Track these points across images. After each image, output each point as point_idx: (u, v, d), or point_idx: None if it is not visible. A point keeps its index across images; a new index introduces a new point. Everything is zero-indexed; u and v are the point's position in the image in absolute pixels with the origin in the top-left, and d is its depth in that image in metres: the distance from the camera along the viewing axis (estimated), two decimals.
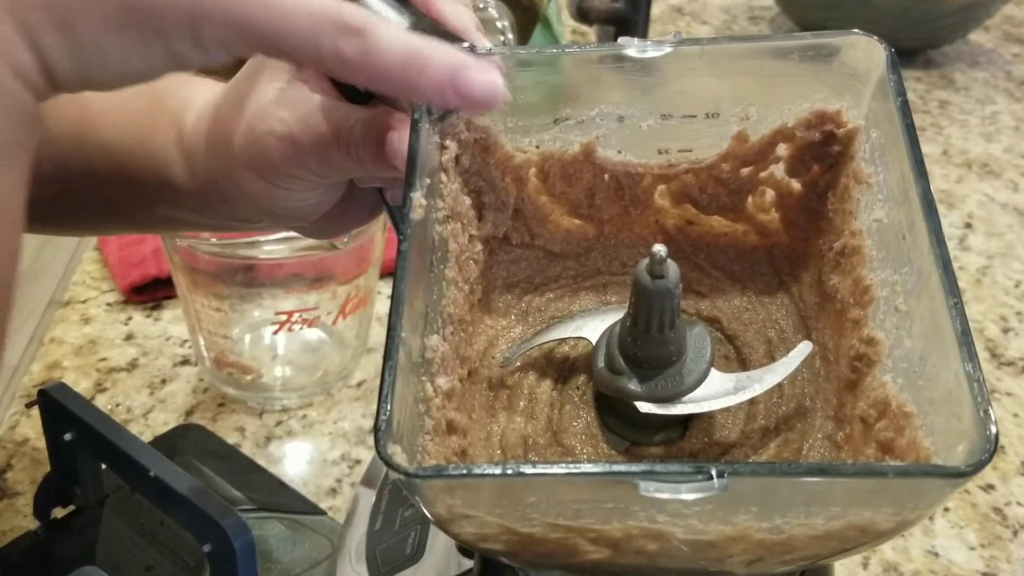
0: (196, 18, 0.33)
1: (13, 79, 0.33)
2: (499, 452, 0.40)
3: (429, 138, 0.38)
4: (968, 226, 0.97)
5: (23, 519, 0.63)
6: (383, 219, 0.58)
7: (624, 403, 0.40)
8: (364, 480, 0.59)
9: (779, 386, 0.40)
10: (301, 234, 0.51)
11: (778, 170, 0.43)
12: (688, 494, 0.29)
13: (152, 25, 0.33)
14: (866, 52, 0.39)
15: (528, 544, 0.33)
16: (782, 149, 0.42)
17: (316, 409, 0.73)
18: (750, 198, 0.44)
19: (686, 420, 0.41)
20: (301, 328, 0.73)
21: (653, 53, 0.40)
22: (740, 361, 0.43)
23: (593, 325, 0.42)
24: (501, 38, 0.79)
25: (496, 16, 0.79)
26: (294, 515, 0.61)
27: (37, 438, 0.68)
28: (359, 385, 0.76)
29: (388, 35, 0.34)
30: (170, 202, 0.49)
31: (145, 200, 0.50)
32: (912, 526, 0.33)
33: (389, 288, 0.85)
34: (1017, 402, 0.76)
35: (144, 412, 0.72)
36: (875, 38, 0.39)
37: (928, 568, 0.62)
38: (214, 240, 0.67)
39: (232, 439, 0.70)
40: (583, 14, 0.99)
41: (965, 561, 0.62)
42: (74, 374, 0.76)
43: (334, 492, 0.66)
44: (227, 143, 0.45)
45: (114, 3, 0.33)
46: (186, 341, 0.78)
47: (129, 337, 0.80)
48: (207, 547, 0.47)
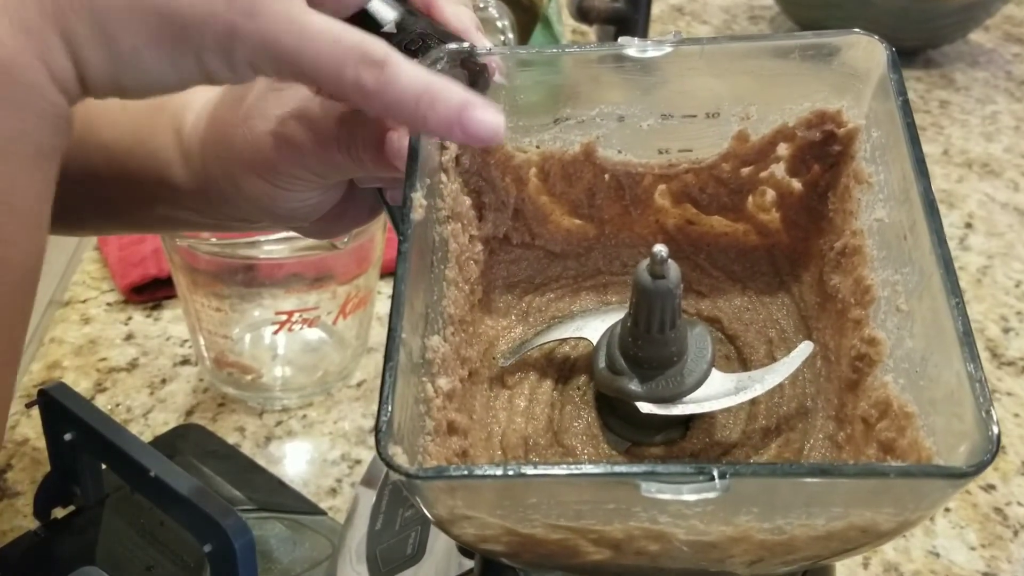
0: (231, 38, 0.34)
1: (51, 84, 0.34)
2: (500, 453, 0.40)
3: (429, 138, 0.38)
4: (968, 226, 0.97)
5: (23, 519, 0.63)
6: (383, 219, 0.58)
7: (625, 403, 0.39)
8: (364, 480, 0.59)
9: (780, 386, 0.40)
10: (301, 234, 0.51)
11: (779, 170, 0.43)
12: (690, 495, 0.29)
13: (189, 42, 0.34)
14: (867, 51, 0.39)
15: (529, 545, 0.33)
16: (783, 149, 0.42)
17: (316, 409, 0.73)
18: (751, 198, 0.44)
19: (687, 420, 0.41)
20: (301, 328, 0.72)
21: (653, 53, 0.40)
22: (741, 361, 0.43)
23: (594, 325, 0.42)
24: (501, 38, 0.79)
25: (496, 16, 0.79)
26: (294, 515, 0.61)
27: (37, 438, 0.68)
28: (359, 385, 0.75)
29: (406, 69, 0.35)
30: (170, 202, 0.49)
31: (145, 200, 0.50)
32: (914, 526, 0.33)
33: (389, 288, 0.85)
34: (1018, 402, 0.76)
35: (144, 412, 0.72)
36: (876, 37, 0.39)
37: (929, 568, 0.62)
38: (214, 240, 0.67)
39: (232, 439, 0.70)
40: (583, 14, 0.98)
41: (966, 561, 0.62)
42: (74, 374, 0.76)
43: (334, 492, 0.66)
44: (227, 143, 0.45)
45: (156, 18, 0.34)
46: (186, 341, 0.78)
47: (129, 337, 0.80)
48: (207, 547, 0.47)
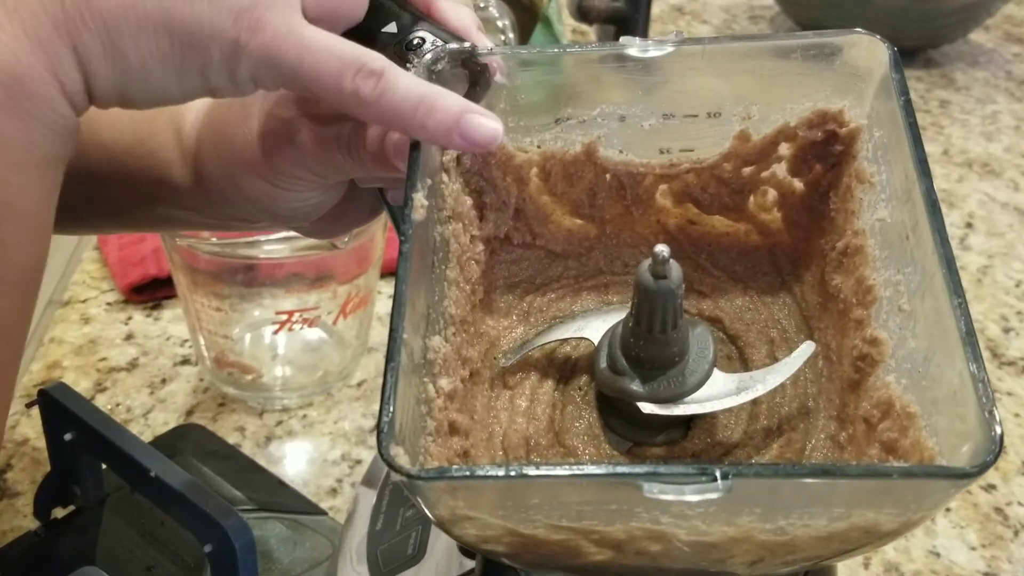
0: (236, 53, 0.36)
1: (61, 96, 0.35)
2: (501, 453, 0.40)
3: None
4: (969, 225, 0.97)
5: (23, 519, 0.63)
6: (383, 218, 0.58)
7: (626, 404, 0.39)
8: (365, 480, 0.59)
9: (782, 386, 0.40)
10: (301, 234, 0.51)
11: (780, 169, 0.43)
12: (692, 496, 0.29)
13: (196, 57, 0.36)
14: (868, 51, 0.39)
15: (531, 545, 0.33)
16: (784, 148, 0.42)
17: (316, 409, 0.73)
18: (752, 198, 0.44)
19: (688, 420, 0.41)
20: (301, 328, 0.72)
21: (655, 53, 0.40)
22: (742, 361, 0.43)
23: (595, 325, 0.42)
24: (502, 37, 0.78)
25: (497, 15, 0.79)
26: (295, 515, 0.61)
27: (37, 438, 0.68)
28: (359, 385, 0.75)
29: (404, 79, 0.37)
30: (169, 202, 0.49)
31: (144, 199, 0.50)
32: (916, 527, 0.33)
33: (390, 288, 0.85)
34: (1018, 402, 0.76)
35: (144, 412, 0.72)
36: (877, 37, 0.39)
37: (929, 568, 0.62)
38: (214, 240, 0.67)
39: (232, 439, 0.70)
40: (583, 13, 0.98)
41: (966, 561, 0.62)
42: (74, 374, 0.76)
43: (334, 492, 0.66)
44: (227, 143, 0.45)
45: (166, 35, 0.35)
46: (186, 341, 0.78)
47: (129, 337, 0.79)
48: (208, 547, 0.47)
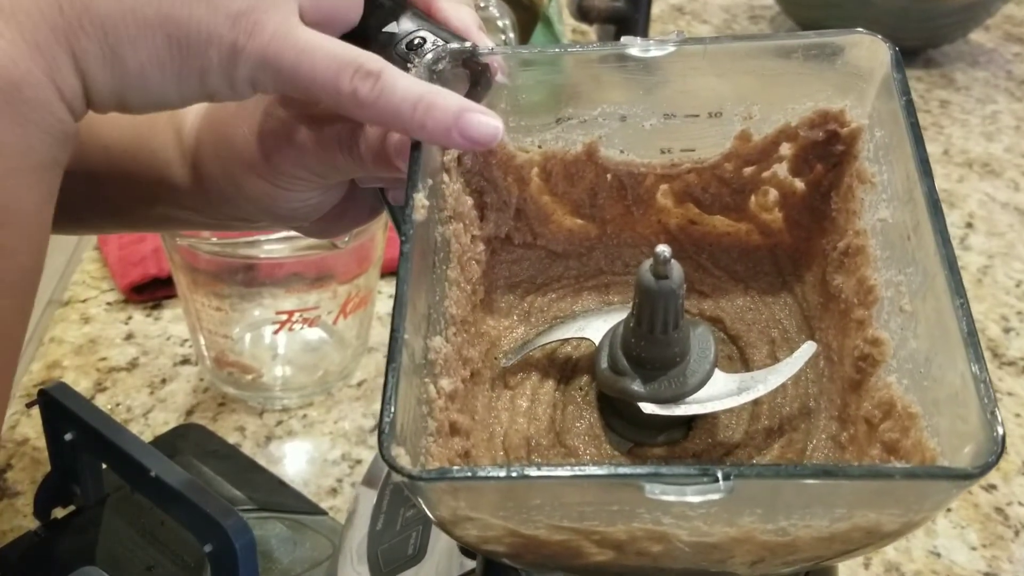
0: (234, 57, 0.36)
1: (59, 101, 0.35)
2: (502, 453, 0.40)
3: None
4: (969, 225, 0.97)
5: (23, 519, 0.63)
6: (384, 218, 0.58)
7: (627, 404, 0.39)
8: (365, 480, 0.59)
9: (783, 386, 0.40)
10: (302, 233, 0.51)
11: (781, 169, 0.43)
12: (694, 496, 0.29)
13: (194, 62, 0.36)
14: (870, 51, 0.39)
15: (532, 546, 0.33)
16: (785, 148, 0.42)
17: (316, 409, 0.73)
18: (753, 197, 0.44)
19: (689, 420, 0.41)
20: (301, 327, 0.72)
21: (656, 53, 0.40)
22: (743, 361, 0.43)
23: (596, 325, 0.42)
24: (502, 37, 0.78)
25: (497, 15, 0.79)
26: (295, 515, 0.61)
27: (37, 438, 0.68)
28: (360, 385, 0.75)
29: (402, 79, 0.37)
30: (170, 202, 0.49)
31: (144, 199, 0.50)
32: (917, 527, 0.33)
33: (390, 287, 0.85)
34: (1018, 402, 0.76)
35: (144, 412, 0.72)
36: (879, 37, 0.39)
37: (930, 568, 0.62)
38: (214, 239, 0.67)
39: (232, 439, 0.69)
40: (584, 13, 0.98)
41: (967, 561, 0.62)
42: (74, 373, 0.76)
43: (335, 492, 0.66)
44: (227, 143, 0.45)
45: (164, 39, 0.35)
46: (186, 340, 0.78)
47: (129, 337, 0.79)
48: (208, 547, 0.47)
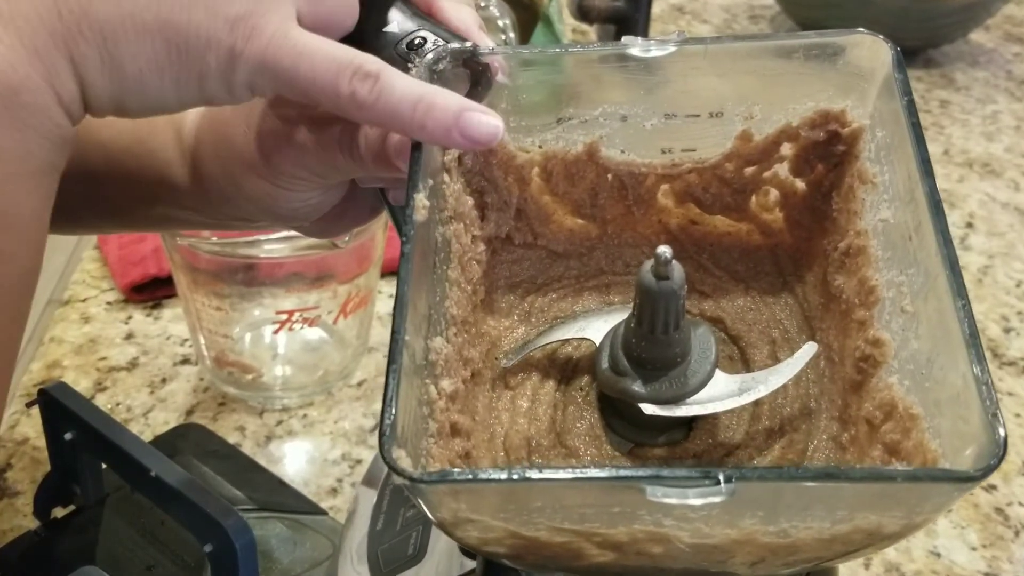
0: (232, 61, 0.36)
1: (57, 105, 0.35)
2: (503, 454, 0.40)
3: None
4: (969, 225, 0.97)
5: (23, 519, 0.63)
6: (384, 218, 0.58)
7: (628, 404, 0.39)
8: (365, 480, 0.59)
9: (784, 387, 0.40)
10: (302, 233, 0.50)
11: (782, 169, 0.43)
12: (696, 499, 0.29)
13: (192, 66, 0.36)
14: (871, 51, 0.39)
15: (533, 548, 0.33)
16: (786, 148, 0.42)
17: (317, 408, 0.73)
18: (754, 197, 0.44)
19: (690, 421, 0.41)
20: (302, 327, 0.72)
21: (657, 53, 0.40)
22: (744, 362, 0.43)
23: (596, 326, 0.42)
24: (503, 36, 0.78)
25: (497, 15, 0.79)
26: (295, 515, 0.61)
27: (37, 437, 0.68)
28: (360, 384, 0.75)
29: (401, 79, 0.37)
30: (169, 201, 0.49)
31: (144, 199, 0.50)
32: (919, 529, 0.33)
33: (390, 287, 0.85)
34: (1019, 402, 0.76)
35: (144, 411, 0.72)
36: (880, 37, 0.39)
37: (930, 568, 0.62)
38: (214, 239, 0.67)
39: (232, 438, 0.69)
40: (584, 12, 0.98)
41: (967, 561, 0.62)
42: (74, 373, 0.76)
43: (335, 492, 0.66)
44: (227, 143, 0.44)
45: (163, 44, 0.35)
46: (186, 340, 0.78)
47: (129, 336, 0.79)
48: (208, 547, 0.47)
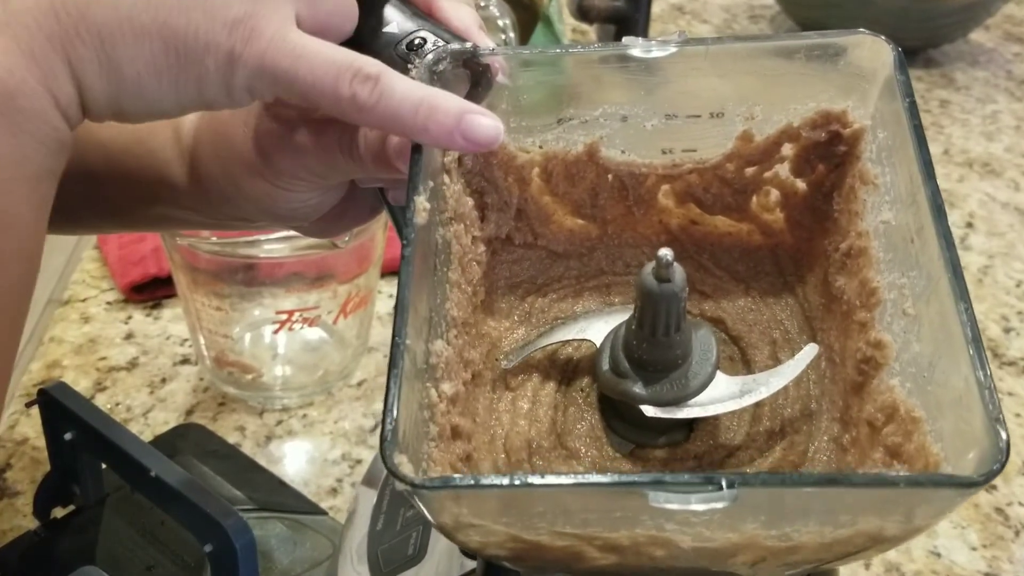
0: (231, 64, 0.36)
1: (54, 109, 0.35)
2: (503, 456, 0.40)
3: None
4: (969, 225, 0.97)
5: (23, 519, 0.63)
6: (384, 218, 0.58)
7: (629, 406, 0.39)
8: (365, 480, 0.59)
9: (784, 388, 0.40)
10: (301, 233, 0.50)
11: (783, 170, 0.43)
12: (698, 504, 0.29)
13: (191, 69, 0.36)
14: (872, 52, 0.39)
15: (534, 551, 0.33)
16: (787, 149, 0.42)
17: (317, 408, 0.73)
18: (755, 198, 0.44)
19: (691, 422, 0.41)
20: (302, 327, 0.72)
21: (658, 53, 0.40)
22: (744, 362, 0.43)
23: (597, 327, 0.42)
24: (503, 37, 0.78)
25: (497, 15, 0.79)
26: (295, 515, 0.61)
27: (37, 437, 0.68)
28: (360, 384, 0.75)
29: (401, 83, 0.36)
30: (169, 201, 0.49)
31: (143, 199, 0.50)
32: (921, 533, 0.32)
33: (390, 287, 0.85)
34: (1019, 402, 0.76)
35: (144, 411, 0.72)
36: (882, 38, 0.39)
37: (930, 568, 0.62)
38: (214, 239, 0.66)
39: (232, 438, 0.69)
40: (584, 13, 0.98)
41: (967, 561, 0.62)
42: (74, 373, 0.75)
43: (335, 492, 0.66)
44: (227, 143, 0.44)
45: (161, 47, 0.35)
46: (186, 340, 0.78)
47: (129, 336, 0.79)
48: (208, 547, 0.47)
